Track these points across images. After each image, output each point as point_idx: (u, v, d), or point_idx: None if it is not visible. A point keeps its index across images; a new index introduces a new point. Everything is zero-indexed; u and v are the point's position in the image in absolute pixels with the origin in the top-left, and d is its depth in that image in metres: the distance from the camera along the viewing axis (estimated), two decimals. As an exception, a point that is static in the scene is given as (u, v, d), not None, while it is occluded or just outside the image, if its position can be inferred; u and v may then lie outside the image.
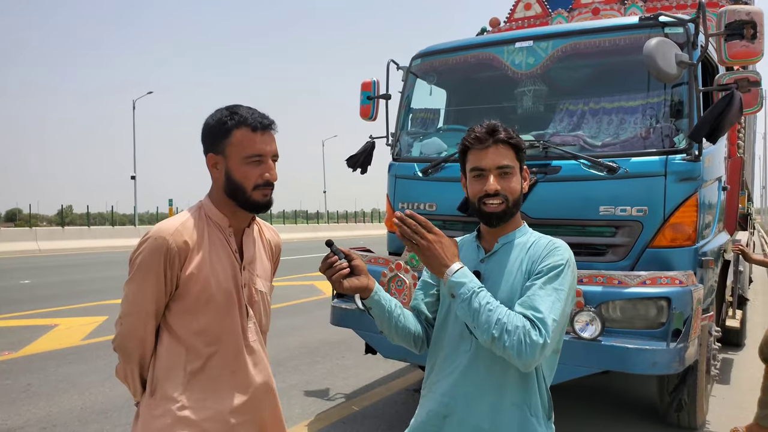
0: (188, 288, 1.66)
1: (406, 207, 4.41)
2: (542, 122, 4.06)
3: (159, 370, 1.68)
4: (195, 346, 1.68)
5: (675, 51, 3.33)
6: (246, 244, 1.79)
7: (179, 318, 1.68)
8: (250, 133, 1.65)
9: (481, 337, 1.50)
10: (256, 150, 1.66)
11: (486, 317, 1.48)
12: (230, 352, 1.72)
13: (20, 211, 50.42)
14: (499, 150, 1.65)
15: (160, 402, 1.65)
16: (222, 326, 1.70)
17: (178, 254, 1.63)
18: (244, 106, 1.71)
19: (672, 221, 3.53)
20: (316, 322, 7.90)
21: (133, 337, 1.67)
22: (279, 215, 45.30)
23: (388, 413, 4.52)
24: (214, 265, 1.69)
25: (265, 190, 1.69)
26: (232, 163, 1.67)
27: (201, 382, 1.68)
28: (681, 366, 3.25)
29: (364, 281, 1.63)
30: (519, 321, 1.48)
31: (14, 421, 4.37)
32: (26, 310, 9.07)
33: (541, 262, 1.60)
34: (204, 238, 1.69)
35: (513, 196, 1.65)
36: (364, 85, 4.93)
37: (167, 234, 1.63)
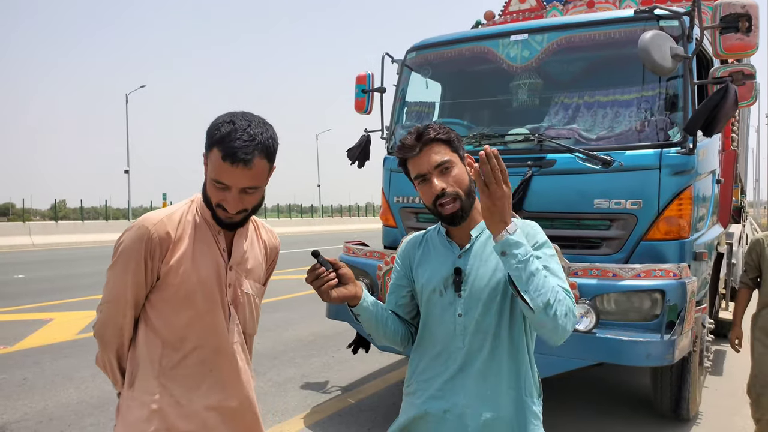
0: (168, 280, 1.62)
1: (401, 201, 4.42)
2: (537, 115, 4.06)
3: (136, 361, 1.66)
4: (172, 341, 1.65)
5: (670, 44, 3.34)
6: (237, 244, 1.73)
7: (158, 310, 1.65)
8: (220, 159, 1.51)
9: (533, 300, 1.44)
10: (220, 178, 1.54)
11: (543, 282, 1.45)
12: (209, 352, 1.68)
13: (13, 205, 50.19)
14: (431, 149, 1.66)
15: (138, 394, 1.64)
16: (201, 324, 1.66)
17: (159, 245, 1.60)
18: (243, 120, 1.54)
19: (666, 214, 3.55)
20: (311, 315, 7.92)
21: (111, 325, 1.65)
22: (273, 209, 45.21)
23: (383, 405, 4.54)
24: (197, 260, 1.64)
25: (227, 213, 1.60)
26: (208, 174, 1.60)
27: (177, 378, 1.65)
28: (674, 357, 3.27)
29: (351, 290, 1.61)
30: (563, 294, 1.51)
31: (10, 416, 4.37)
32: (21, 304, 9.05)
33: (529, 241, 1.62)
34: (190, 233, 1.65)
35: (461, 187, 1.66)
36: (359, 78, 4.91)
37: (150, 224, 1.60)
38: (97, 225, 27.36)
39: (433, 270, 1.73)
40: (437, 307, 1.70)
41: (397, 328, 1.77)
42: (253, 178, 1.54)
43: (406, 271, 1.82)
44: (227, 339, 1.71)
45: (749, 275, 3.57)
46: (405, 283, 1.82)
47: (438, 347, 1.70)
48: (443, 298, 1.69)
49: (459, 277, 1.67)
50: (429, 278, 1.73)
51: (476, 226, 1.72)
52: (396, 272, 1.85)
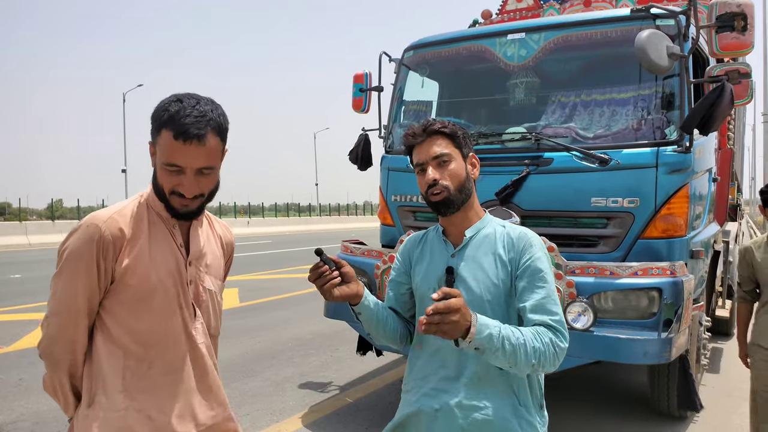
0: (124, 282, 1.49)
1: (399, 199, 4.42)
2: (534, 114, 4.06)
3: (95, 377, 1.50)
4: (134, 349, 1.51)
5: (666, 43, 3.35)
6: (194, 238, 1.61)
7: (115, 316, 1.51)
8: (171, 139, 1.42)
9: (521, 371, 1.53)
10: (173, 160, 1.44)
11: (522, 353, 1.50)
12: (175, 356, 1.55)
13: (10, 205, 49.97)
14: (433, 141, 1.71)
15: (100, 412, 1.47)
16: (164, 326, 1.53)
17: (112, 243, 1.46)
18: (190, 99, 1.47)
19: (663, 212, 3.56)
20: (309, 314, 7.91)
21: (61, 340, 1.49)
22: (271, 208, 45.22)
23: (381, 405, 4.55)
24: (154, 257, 1.52)
25: (183, 200, 1.49)
26: (158, 161, 1.49)
27: (143, 388, 1.51)
28: (672, 355, 3.28)
29: (353, 288, 1.62)
30: (545, 336, 1.54)
31: (7, 416, 4.36)
32: (17, 304, 9.02)
33: (524, 256, 1.64)
34: (144, 228, 1.52)
35: (455, 182, 1.69)
36: (357, 77, 4.92)
37: (100, 221, 1.47)
38: (93, 225, 27.18)
39: (428, 268, 1.75)
40: (431, 306, 1.71)
41: (396, 326, 1.78)
42: (207, 156, 1.46)
43: (406, 268, 1.84)
44: (193, 341, 1.59)
45: (745, 288, 3.28)
46: (405, 280, 1.83)
47: (433, 346, 1.71)
48: None
49: (451, 276, 1.68)
50: (424, 276, 1.75)
51: (471, 226, 1.73)
52: (396, 269, 1.86)
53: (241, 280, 11.64)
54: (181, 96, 1.48)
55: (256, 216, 39.64)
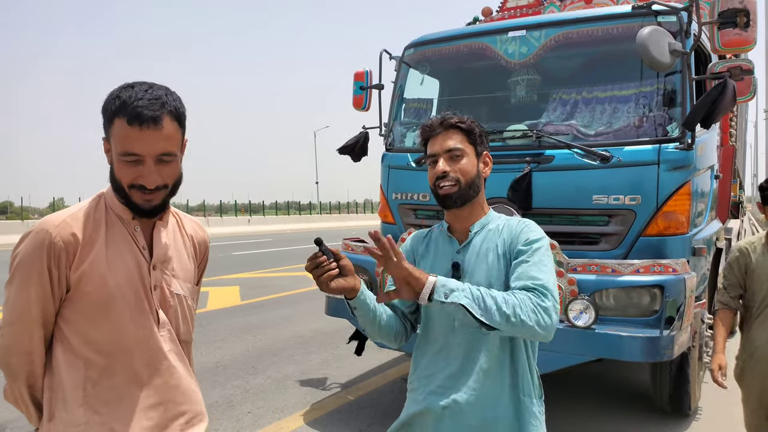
0: (80, 289, 1.40)
1: (400, 197, 4.41)
2: (535, 112, 4.05)
3: (55, 389, 1.42)
4: (95, 359, 1.42)
5: (668, 39, 3.33)
6: (157, 240, 1.51)
7: (73, 326, 1.43)
8: (126, 126, 1.34)
9: (496, 322, 1.48)
10: (129, 148, 1.36)
11: (491, 302, 1.49)
12: (140, 365, 1.46)
13: (11, 204, 50.06)
14: (448, 134, 1.73)
15: (61, 427, 1.40)
16: (126, 334, 1.44)
17: (64, 249, 1.38)
18: (142, 85, 1.39)
19: (665, 210, 3.55)
20: (309, 312, 7.92)
21: (17, 351, 1.42)
22: (271, 206, 45.22)
23: (383, 402, 4.55)
24: (112, 262, 1.43)
25: (145, 194, 1.40)
26: (114, 155, 1.40)
27: (106, 400, 1.42)
28: (674, 353, 3.28)
29: (351, 282, 1.60)
30: (519, 294, 1.52)
31: (11, 413, 4.36)
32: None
33: (519, 240, 1.66)
34: (100, 232, 1.43)
35: (465, 177, 1.70)
36: (357, 75, 4.91)
37: (51, 226, 1.39)
38: (95, 223, 27.25)
39: (433, 264, 1.76)
40: None
41: (391, 323, 1.77)
42: (166, 141, 1.38)
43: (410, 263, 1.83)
44: (160, 348, 1.49)
45: (730, 293, 2.92)
46: None
47: (438, 343, 1.71)
48: None
49: (457, 272, 1.69)
50: (429, 271, 1.74)
51: (476, 222, 1.74)
52: None
53: (242, 278, 11.65)
54: (132, 83, 1.41)
55: (256, 214, 39.64)
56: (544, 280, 1.55)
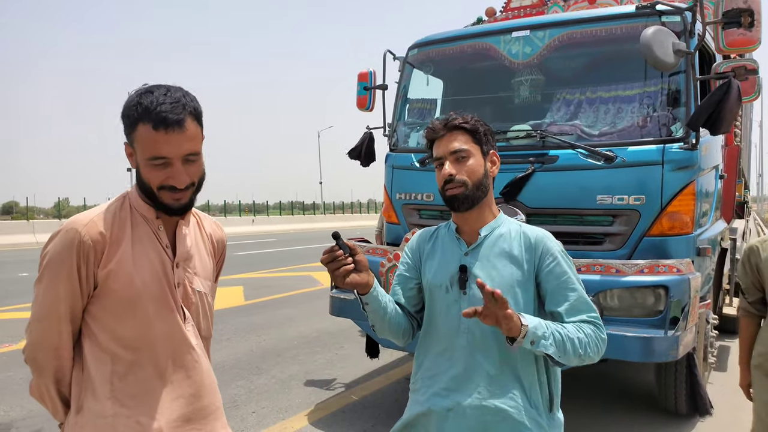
0: (108, 286, 1.45)
1: (404, 197, 4.42)
2: (539, 112, 4.05)
3: (84, 383, 1.47)
4: (121, 354, 1.47)
5: (672, 39, 3.33)
6: (180, 239, 1.56)
7: (100, 322, 1.47)
8: (151, 131, 1.39)
9: (569, 362, 1.58)
10: (157, 152, 1.40)
11: (569, 343, 1.56)
12: (165, 360, 1.51)
13: (17, 204, 50.33)
14: (453, 136, 1.71)
15: (89, 419, 1.45)
16: (152, 330, 1.49)
17: (92, 248, 1.42)
18: (160, 89, 1.43)
19: (669, 210, 3.54)
20: (314, 312, 7.93)
21: (45, 347, 1.47)
22: (275, 206, 45.27)
23: (387, 402, 4.55)
24: (138, 260, 1.47)
25: (175, 194, 1.45)
26: (139, 159, 1.45)
27: (132, 394, 1.47)
28: (679, 353, 3.27)
29: (365, 277, 1.60)
30: (587, 328, 1.61)
31: (17, 413, 4.39)
32: (25, 302, 9.07)
33: (544, 254, 1.66)
34: (126, 231, 1.48)
35: (472, 178, 1.69)
36: (361, 75, 4.92)
37: (80, 225, 1.43)
38: (100, 223, 27.36)
39: (440, 265, 1.74)
40: (443, 303, 1.70)
41: (400, 320, 1.77)
42: (190, 142, 1.43)
43: (416, 263, 1.83)
44: (185, 344, 1.55)
45: (749, 299, 2.58)
46: (413, 275, 1.82)
47: (443, 344, 1.70)
48: (449, 295, 1.69)
49: (464, 274, 1.67)
50: (435, 273, 1.74)
51: (486, 225, 1.72)
52: (405, 264, 1.85)
53: (246, 278, 11.67)
54: (149, 87, 1.44)
55: (260, 214, 39.72)
56: (596, 312, 1.65)
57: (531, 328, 1.50)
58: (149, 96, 1.41)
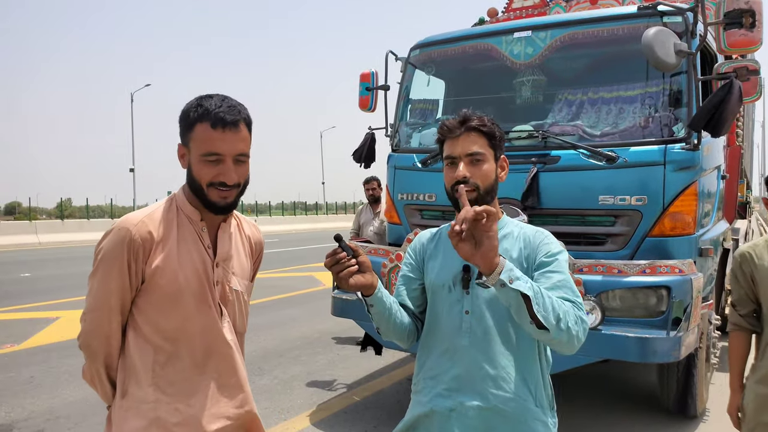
0: (154, 282, 1.56)
1: (405, 198, 4.42)
2: (541, 112, 4.05)
3: (128, 370, 1.59)
4: (163, 345, 1.58)
5: (674, 40, 3.33)
6: (221, 240, 1.67)
7: (146, 315, 1.58)
8: (209, 129, 1.52)
9: (549, 323, 1.44)
10: (213, 148, 1.53)
11: (548, 300, 1.45)
12: (202, 353, 1.62)
13: (20, 204, 50.41)
14: (470, 137, 1.68)
15: (133, 403, 1.57)
16: (192, 325, 1.60)
17: (142, 246, 1.54)
18: (218, 96, 1.58)
19: (671, 210, 3.54)
20: (316, 312, 7.93)
21: (97, 335, 1.59)
22: (278, 207, 45.32)
23: (389, 403, 4.55)
24: (182, 259, 1.58)
25: (223, 192, 1.56)
26: (193, 157, 1.56)
27: (171, 382, 1.58)
28: (681, 354, 3.27)
29: (368, 279, 1.58)
30: (566, 303, 1.51)
31: (18, 414, 4.40)
32: (27, 302, 9.10)
33: (540, 251, 1.64)
34: (172, 231, 1.59)
35: (484, 183, 1.67)
36: (363, 76, 4.93)
37: (131, 225, 1.55)
38: (102, 223, 27.49)
39: (443, 265, 1.73)
40: (445, 303, 1.70)
41: (404, 322, 1.75)
42: (242, 143, 1.57)
43: (419, 264, 1.82)
44: (221, 338, 1.65)
45: (740, 311, 2.28)
46: (417, 276, 1.81)
47: (444, 344, 1.69)
48: (451, 295, 1.69)
49: (467, 274, 1.67)
50: (438, 273, 1.73)
51: None
52: (408, 264, 1.84)
53: (248, 278, 11.67)
54: (208, 94, 1.58)
55: (263, 215, 39.74)
56: (580, 298, 1.56)
57: (508, 264, 1.44)
58: (209, 100, 1.55)
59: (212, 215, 1.64)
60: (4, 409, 4.49)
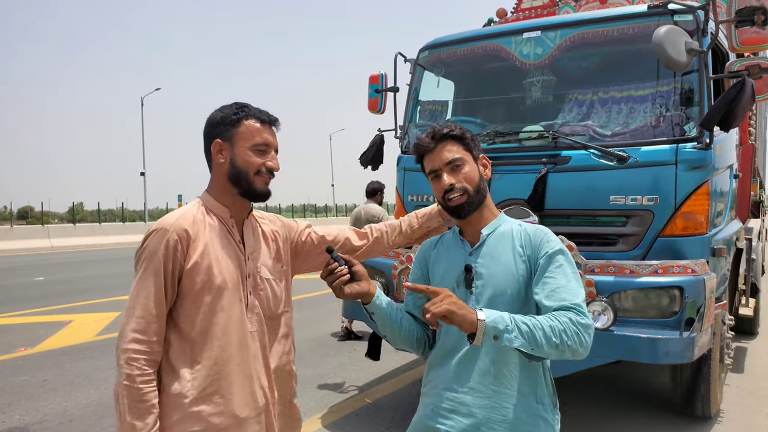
0: (192, 278, 1.66)
1: (416, 199, 4.42)
2: (551, 112, 4.04)
3: (167, 365, 1.67)
4: (200, 340, 1.67)
5: (685, 39, 3.30)
6: (247, 235, 1.81)
7: (184, 310, 1.67)
8: (258, 124, 1.75)
9: (546, 353, 1.51)
10: (264, 140, 1.75)
11: (540, 333, 1.49)
12: (235, 344, 1.71)
13: (32, 208, 50.88)
14: (444, 147, 1.74)
15: (171, 398, 1.64)
16: (227, 317, 1.69)
17: (179, 243, 1.64)
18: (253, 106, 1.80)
19: (683, 210, 3.51)
20: (327, 315, 7.95)
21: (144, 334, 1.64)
22: (288, 209, 45.47)
23: (401, 405, 4.55)
24: (217, 255, 1.69)
25: (267, 178, 1.76)
26: (238, 149, 1.74)
27: (209, 376, 1.67)
28: (694, 355, 3.24)
29: (365, 286, 1.66)
30: (562, 317, 1.52)
31: (32, 416, 4.44)
32: (40, 306, 9.18)
33: (540, 250, 1.65)
34: (205, 229, 1.71)
35: (471, 184, 1.71)
36: (372, 78, 4.93)
37: (168, 225, 1.66)
38: (114, 227, 27.71)
39: (446, 268, 1.76)
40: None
41: (411, 329, 1.79)
42: (277, 140, 1.82)
43: (423, 272, 1.85)
44: (245, 330, 1.73)
45: None
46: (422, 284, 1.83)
47: (450, 345, 1.71)
48: (456, 295, 1.69)
49: (470, 274, 1.69)
50: (443, 276, 1.76)
51: (487, 224, 1.75)
52: (413, 273, 1.88)
53: (259, 281, 11.71)
54: (241, 102, 1.80)
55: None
56: (579, 300, 1.56)
57: (489, 322, 1.46)
58: (248, 106, 1.79)
59: (239, 212, 1.79)
60: (19, 412, 4.53)
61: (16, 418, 4.42)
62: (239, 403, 1.70)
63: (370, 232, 2.14)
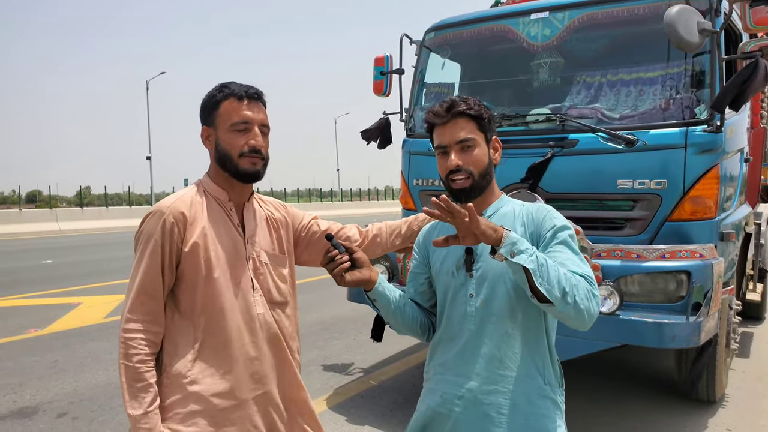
0: (189, 260, 1.66)
1: (421, 183, 4.40)
2: (559, 95, 3.99)
3: (168, 346, 1.68)
4: (201, 321, 1.67)
5: (697, 18, 3.24)
6: (247, 218, 1.80)
7: (184, 292, 1.68)
8: (235, 102, 1.70)
9: (554, 296, 1.41)
10: (241, 117, 1.69)
11: (554, 272, 1.42)
12: (237, 326, 1.70)
13: (40, 192, 51.20)
14: (458, 124, 1.66)
15: (171, 378, 1.65)
16: (227, 300, 1.69)
17: (176, 225, 1.64)
18: (237, 82, 1.75)
19: (692, 194, 3.47)
20: (331, 298, 7.98)
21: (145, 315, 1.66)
22: (293, 193, 45.55)
23: (405, 387, 4.57)
24: (215, 238, 1.69)
25: (253, 158, 1.70)
26: (221, 132, 1.71)
27: (209, 357, 1.67)
28: (700, 340, 3.22)
29: (366, 273, 1.62)
30: (578, 277, 1.47)
31: (43, 396, 4.50)
32: (50, 289, 9.27)
33: (544, 226, 1.61)
34: (203, 212, 1.70)
35: (478, 168, 1.65)
36: (377, 60, 4.87)
37: (164, 208, 1.66)
38: (121, 211, 27.89)
39: (447, 251, 1.72)
40: (450, 289, 1.69)
41: (415, 315, 1.77)
42: (264, 114, 1.75)
43: (423, 258, 1.83)
44: (251, 311, 1.73)
45: None
46: (423, 271, 1.82)
47: (452, 330, 1.69)
48: (455, 279, 1.68)
49: (470, 257, 1.66)
50: (443, 260, 1.73)
51: (489, 206, 1.71)
52: (414, 260, 1.86)
53: (265, 264, 11.75)
54: (223, 83, 1.74)
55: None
56: (591, 273, 1.51)
57: (512, 237, 1.40)
58: (230, 84, 1.73)
59: (238, 195, 1.77)
60: (29, 392, 4.59)
61: (27, 397, 4.48)
62: (240, 385, 1.70)
63: (369, 231, 2.11)
